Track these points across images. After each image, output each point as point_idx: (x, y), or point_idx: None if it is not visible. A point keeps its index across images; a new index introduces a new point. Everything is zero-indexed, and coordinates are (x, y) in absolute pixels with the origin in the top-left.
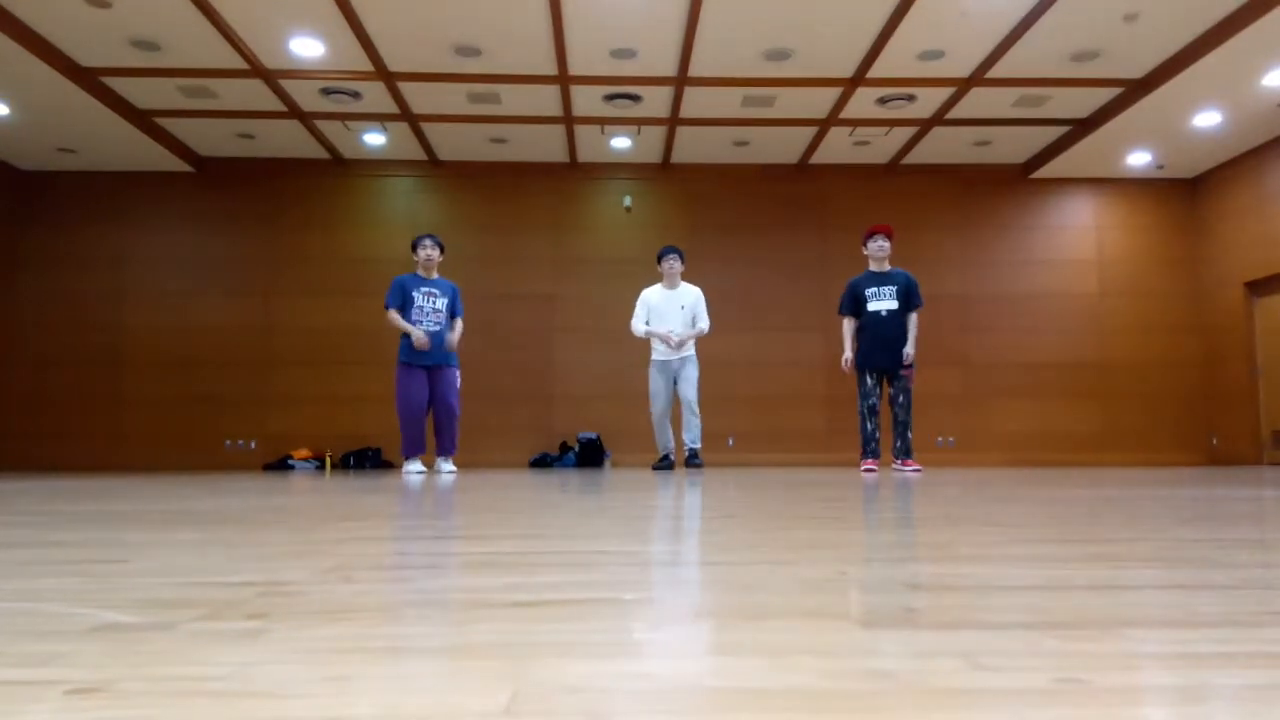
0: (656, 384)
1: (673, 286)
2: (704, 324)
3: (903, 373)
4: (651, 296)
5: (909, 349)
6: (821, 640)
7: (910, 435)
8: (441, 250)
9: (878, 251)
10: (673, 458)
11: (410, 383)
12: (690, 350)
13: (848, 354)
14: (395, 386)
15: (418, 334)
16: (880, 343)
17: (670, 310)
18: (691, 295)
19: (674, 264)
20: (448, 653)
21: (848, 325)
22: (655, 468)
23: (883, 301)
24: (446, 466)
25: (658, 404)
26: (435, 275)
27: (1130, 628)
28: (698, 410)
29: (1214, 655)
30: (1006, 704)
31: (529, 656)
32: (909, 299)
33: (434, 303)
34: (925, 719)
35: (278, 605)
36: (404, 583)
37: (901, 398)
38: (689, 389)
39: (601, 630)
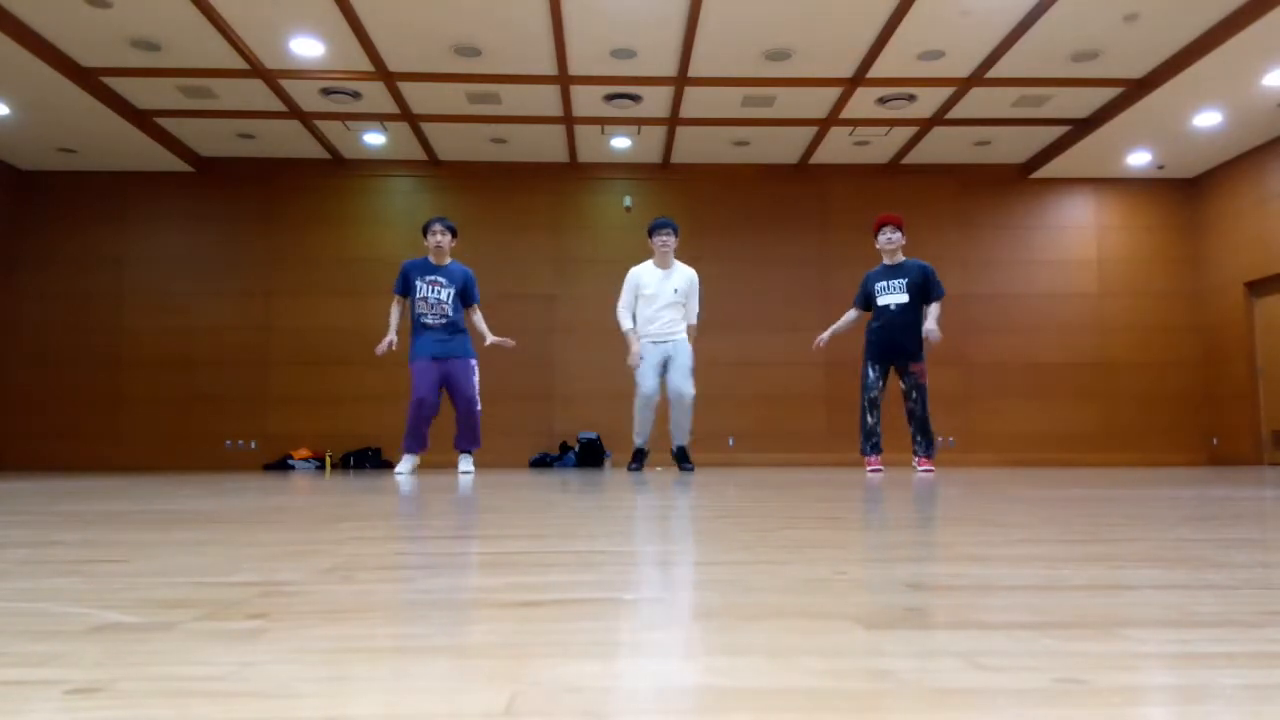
0: (644, 367)
1: (665, 265)
2: (694, 319)
3: (913, 368)
4: (642, 276)
5: (929, 324)
6: (821, 640)
7: (930, 432)
8: (454, 235)
9: (887, 244)
10: (646, 452)
11: (420, 377)
12: (682, 334)
13: (824, 334)
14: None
15: (381, 344)
16: (888, 337)
17: (663, 293)
18: (686, 278)
19: (668, 240)
20: (448, 653)
21: (848, 314)
22: (631, 468)
23: (892, 295)
24: (464, 465)
25: (644, 387)
26: (447, 261)
27: (1130, 628)
28: (689, 405)
29: (1214, 655)
30: (1006, 704)
31: (529, 656)
32: (924, 290)
33: (438, 293)
34: (925, 719)
35: (278, 605)
36: (404, 583)
37: (915, 394)
38: (682, 379)
39: (601, 630)
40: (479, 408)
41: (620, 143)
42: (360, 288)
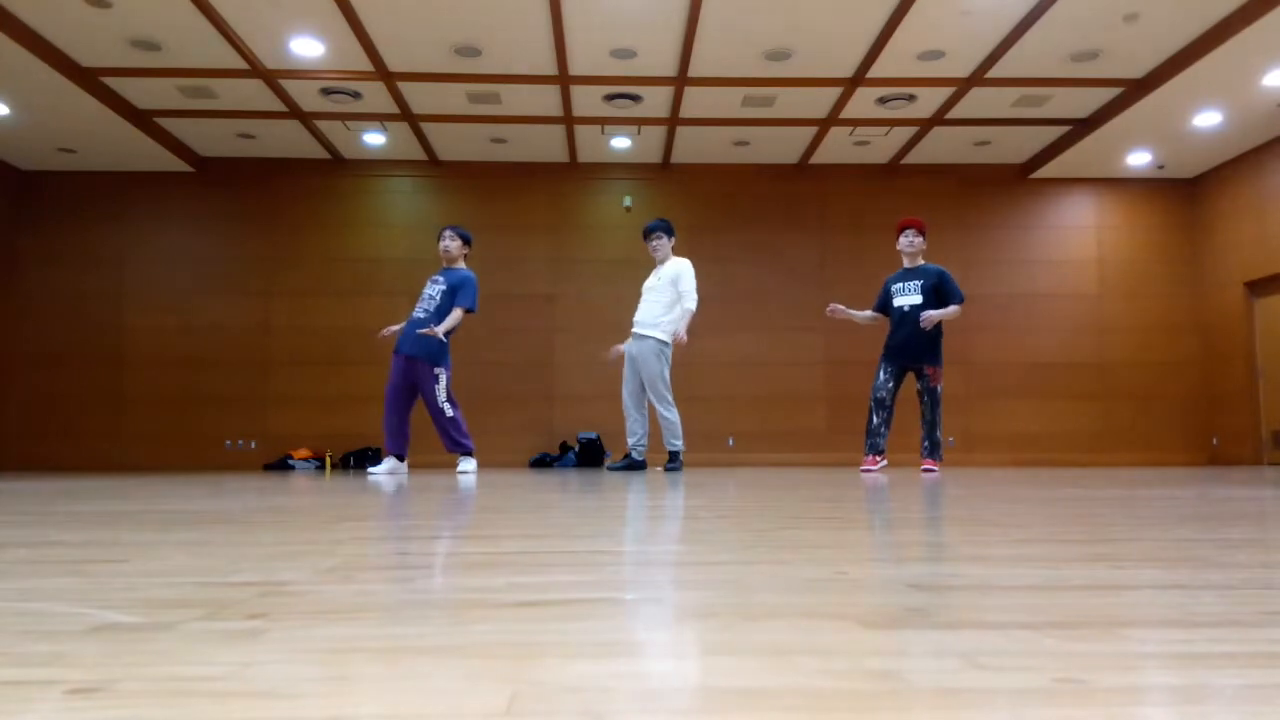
0: (625, 370)
1: (658, 265)
2: (688, 302)
3: (927, 370)
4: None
5: (928, 313)
6: (821, 640)
7: (937, 435)
8: (465, 242)
9: (908, 246)
10: (635, 458)
11: (390, 374)
12: (648, 328)
13: (840, 305)
14: None
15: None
16: (900, 339)
17: (645, 292)
18: (668, 273)
19: (655, 244)
20: (448, 653)
21: (867, 311)
22: (610, 466)
23: (907, 297)
24: (462, 465)
25: (623, 390)
26: (457, 266)
27: (1130, 628)
28: (664, 409)
29: (1214, 655)
30: (1006, 704)
31: (529, 656)
32: (939, 293)
33: (433, 289)
34: (925, 719)
35: (278, 605)
36: (404, 583)
37: (926, 397)
38: (655, 396)
39: (601, 630)
40: (450, 414)
41: (620, 143)
42: (360, 288)
